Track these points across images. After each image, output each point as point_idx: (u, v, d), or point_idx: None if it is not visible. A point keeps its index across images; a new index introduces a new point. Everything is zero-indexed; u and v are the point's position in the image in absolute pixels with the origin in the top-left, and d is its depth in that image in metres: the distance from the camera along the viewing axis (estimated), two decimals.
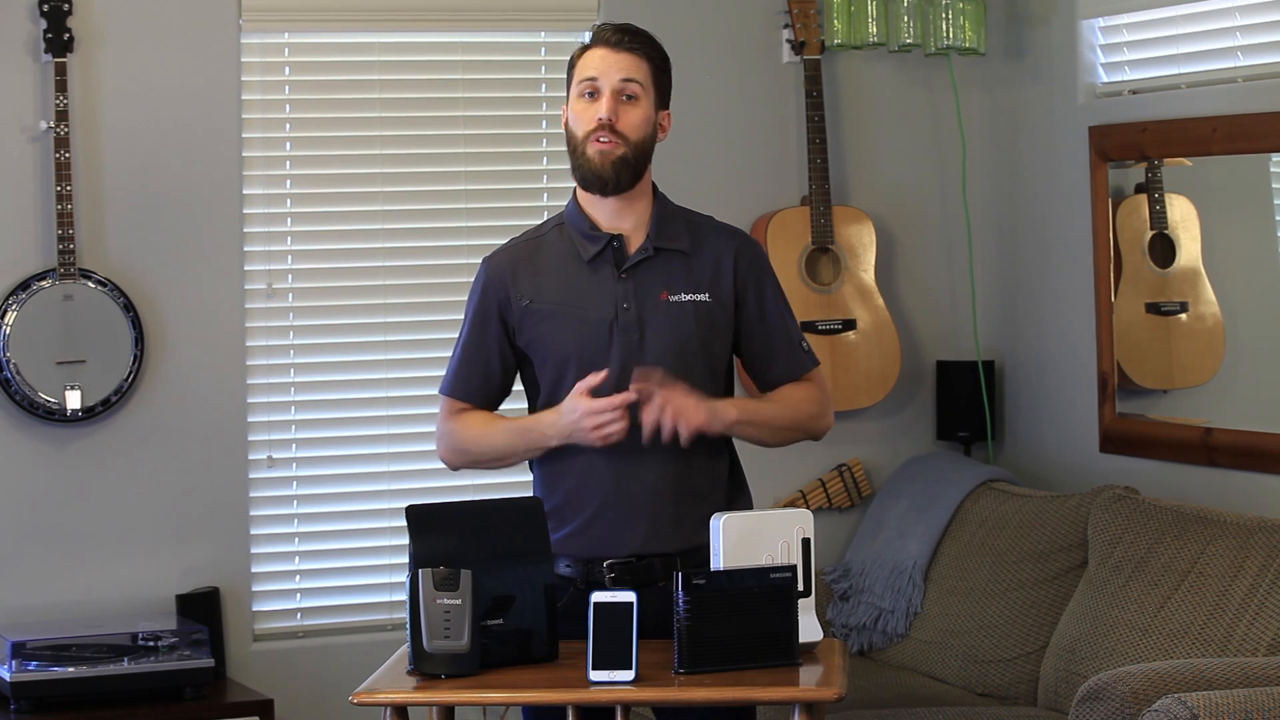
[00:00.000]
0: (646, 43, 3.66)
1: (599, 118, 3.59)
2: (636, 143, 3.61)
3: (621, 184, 3.62)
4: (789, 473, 5.43)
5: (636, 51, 3.63)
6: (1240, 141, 4.78)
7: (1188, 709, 3.63)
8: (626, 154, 3.60)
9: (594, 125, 3.59)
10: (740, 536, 3.37)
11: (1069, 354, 5.38)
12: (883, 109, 5.64)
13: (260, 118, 5.16)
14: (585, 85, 3.62)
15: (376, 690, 3.29)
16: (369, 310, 5.28)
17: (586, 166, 3.61)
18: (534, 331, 3.67)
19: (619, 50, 3.62)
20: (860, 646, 5.19)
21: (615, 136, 3.59)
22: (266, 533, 5.19)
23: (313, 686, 5.13)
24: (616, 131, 3.59)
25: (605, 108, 3.59)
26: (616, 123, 3.59)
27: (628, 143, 3.60)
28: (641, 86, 3.62)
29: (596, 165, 3.60)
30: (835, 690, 3.23)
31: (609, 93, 3.60)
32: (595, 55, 3.63)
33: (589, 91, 3.62)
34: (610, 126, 3.58)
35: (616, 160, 3.60)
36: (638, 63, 3.63)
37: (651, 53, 3.66)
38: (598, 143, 3.59)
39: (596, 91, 3.61)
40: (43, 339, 4.85)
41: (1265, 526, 4.39)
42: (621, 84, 3.60)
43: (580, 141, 3.61)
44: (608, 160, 3.59)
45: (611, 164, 3.60)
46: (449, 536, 3.36)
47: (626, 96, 3.61)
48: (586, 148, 3.60)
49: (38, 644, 4.64)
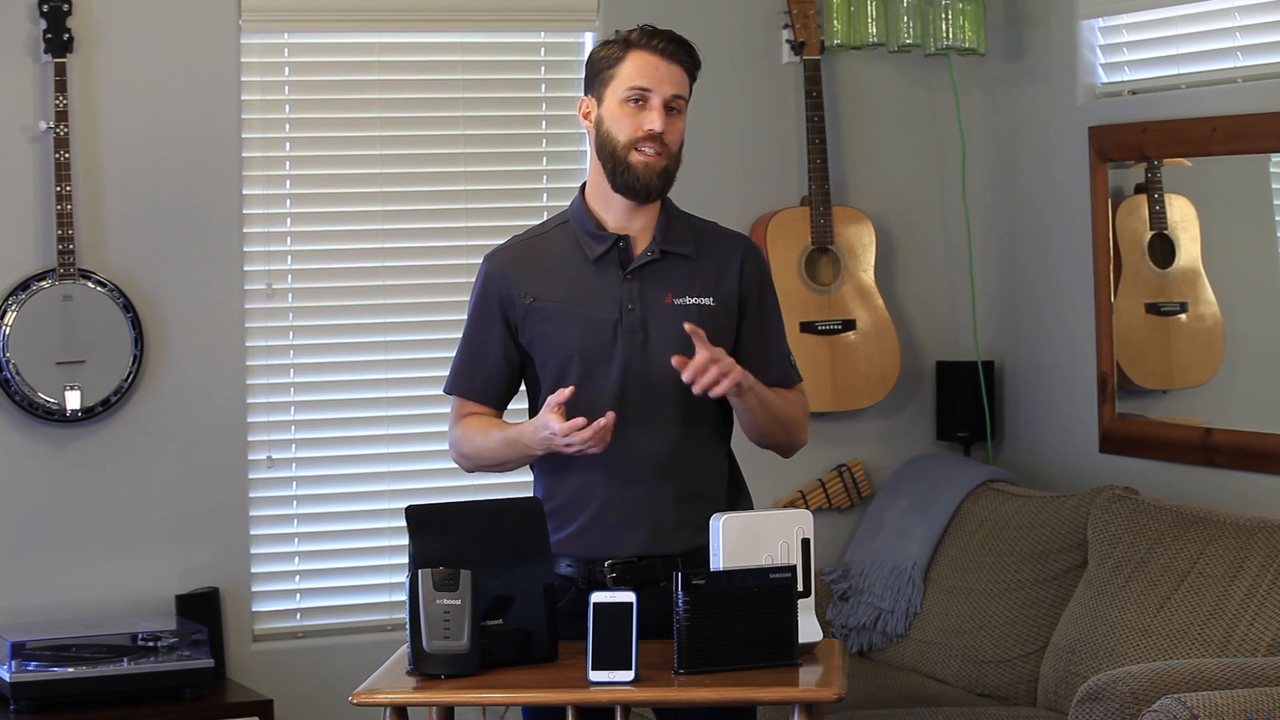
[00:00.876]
0: (692, 55, 3.66)
1: (650, 129, 3.58)
2: (677, 154, 3.64)
3: (662, 193, 3.65)
4: (789, 473, 5.42)
5: (684, 63, 3.64)
6: (1240, 141, 4.78)
7: (1188, 709, 3.63)
8: (669, 165, 3.62)
9: (642, 135, 3.59)
10: (740, 537, 3.37)
11: (1069, 354, 5.38)
12: (882, 109, 5.64)
13: (260, 118, 5.16)
14: (634, 92, 3.59)
15: (376, 690, 3.29)
16: (369, 310, 5.28)
17: (630, 174, 3.60)
18: (537, 330, 3.66)
19: (672, 62, 3.62)
20: (860, 647, 5.19)
21: (663, 148, 3.60)
22: (266, 533, 5.20)
23: (313, 686, 5.13)
24: (664, 144, 3.60)
25: (658, 120, 3.58)
26: (666, 135, 3.60)
27: (671, 155, 3.62)
28: (685, 100, 3.64)
29: (643, 175, 3.60)
30: (835, 690, 3.23)
31: (660, 104, 3.60)
32: (647, 62, 3.61)
33: (636, 99, 3.60)
34: (661, 138, 3.59)
35: (662, 171, 3.61)
36: (683, 76, 3.63)
37: (694, 67, 3.66)
38: (643, 153, 3.59)
39: (645, 100, 3.60)
40: (43, 339, 4.85)
41: (1265, 526, 4.39)
42: (672, 98, 3.61)
43: (623, 148, 3.60)
44: (653, 172, 3.60)
45: (658, 175, 3.61)
46: (449, 536, 3.36)
47: (671, 109, 3.62)
48: (630, 155, 3.60)
49: (38, 644, 4.64)
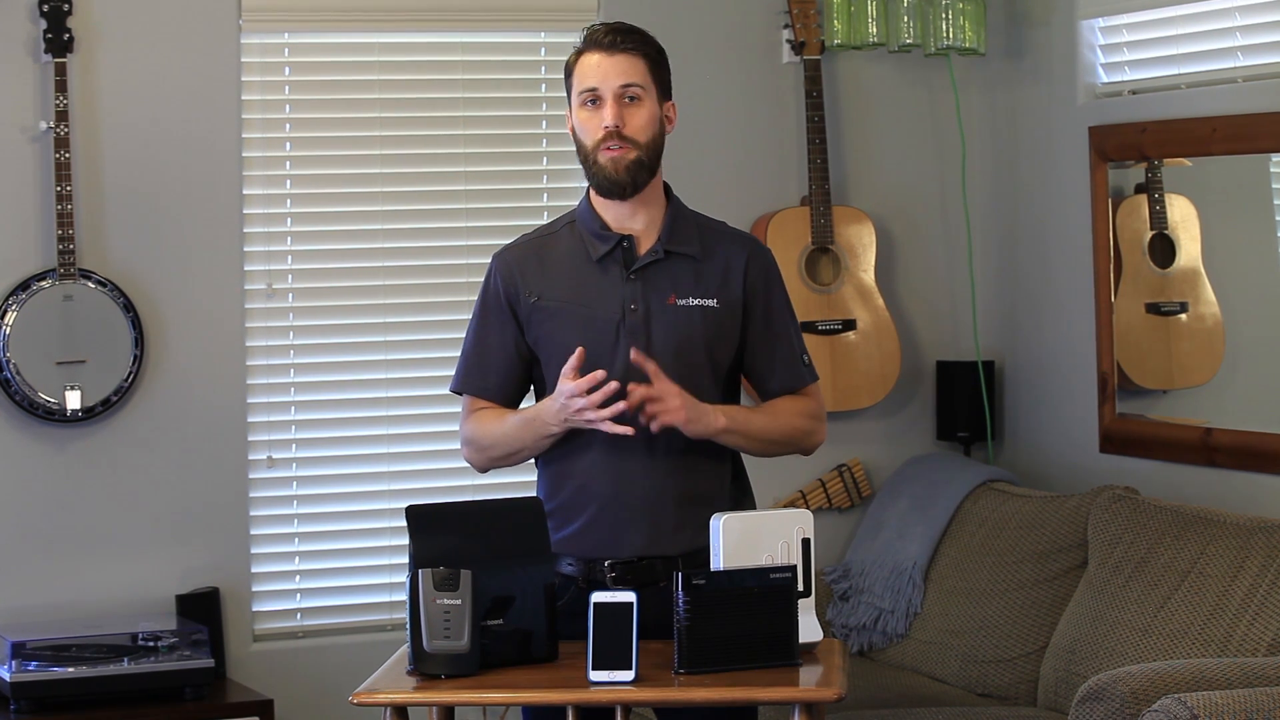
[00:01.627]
0: (640, 40, 3.63)
1: (605, 126, 3.57)
2: (646, 143, 3.60)
3: (639, 185, 3.61)
4: (789, 473, 5.42)
5: (631, 51, 3.60)
6: (1240, 141, 4.78)
7: (1188, 709, 3.63)
8: (640, 156, 3.60)
9: (601, 134, 3.58)
10: (740, 537, 3.37)
11: (1069, 354, 5.38)
12: (883, 109, 5.64)
13: (260, 118, 5.16)
14: (586, 95, 3.60)
15: (376, 690, 3.29)
16: (369, 310, 5.28)
17: (601, 175, 3.60)
18: (541, 329, 3.66)
19: (614, 53, 3.60)
20: (860, 647, 5.19)
21: (625, 142, 3.58)
22: (266, 533, 5.19)
23: (313, 686, 5.12)
24: (625, 137, 3.58)
25: (610, 115, 3.57)
26: (624, 128, 3.58)
27: (638, 145, 3.59)
28: (642, 87, 3.60)
29: (611, 173, 3.59)
30: (835, 690, 3.23)
31: (611, 99, 3.58)
32: (591, 62, 3.61)
33: (590, 100, 3.60)
34: (618, 133, 3.58)
35: (630, 164, 3.59)
36: (634, 63, 3.60)
37: (646, 49, 3.63)
38: (609, 150, 3.58)
39: (599, 99, 3.59)
40: (43, 339, 4.85)
41: (1265, 526, 4.39)
42: (622, 89, 3.59)
43: (591, 151, 3.60)
44: (621, 166, 3.59)
45: (626, 169, 3.59)
46: (449, 536, 3.36)
47: (629, 99, 3.59)
48: (598, 156, 3.59)
49: (38, 644, 4.64)
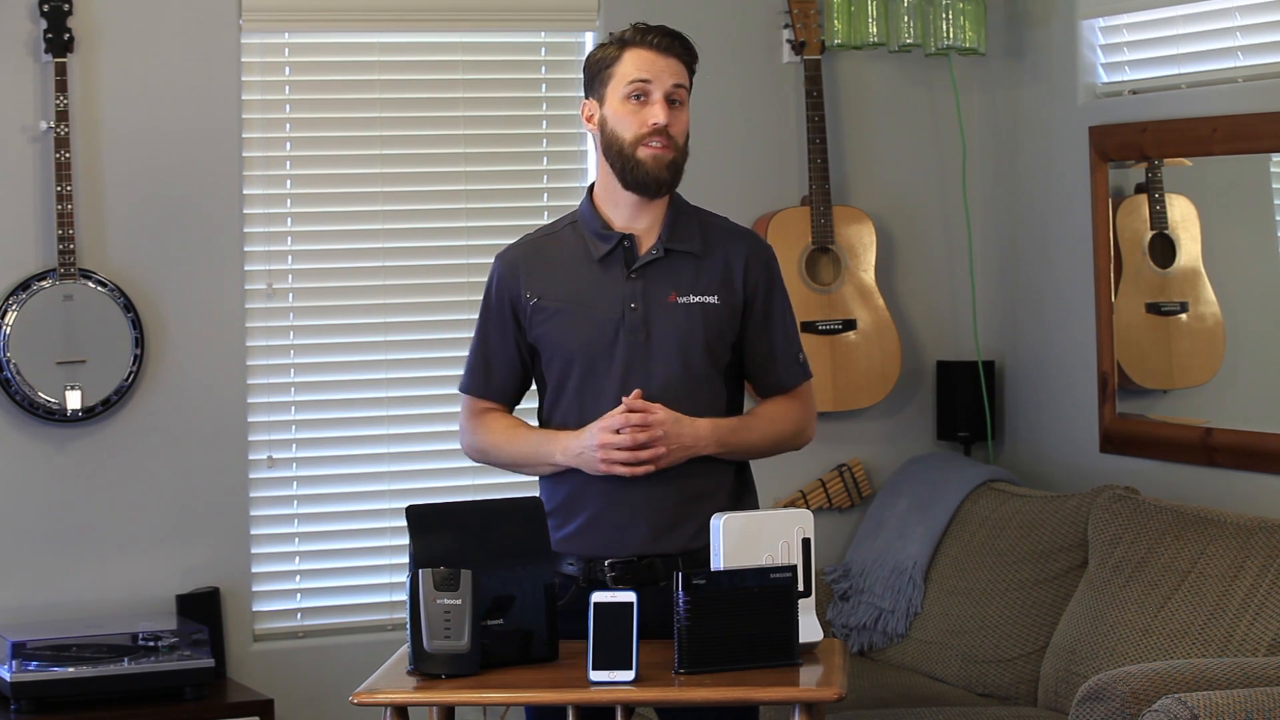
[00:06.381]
0: (688, 47, 3.68)
1: (654, 123, 3.60)
2: (684, 147, 3.66)
3: (672, 186, 3.66)
4: (789, 473, 5.42)
5: (680, 56, 3.65)
6: (1240, 141, 4.78)
7: (1188, 709, 3.63)
8: (677, 158, 3.64)
9: (647, 129, 3.60)
10: (740, 536, 3.37)
11: (1069, 354, 5.38)
12: (883, 109, 5.64)
13: (260, 118, 5.16)
14: (634, 87, 3.61)
15: (376, 690, 3.29)
16: (369, 310, 5.28)
17: (639, 170, 3.61)
18: (541, 328, 3.68)
19: (668, 55, 3.63)
20: (860, 646, 5.19)
21: (669, 141, 3.61)
22: (266, 533, 5.19)
23: (313, 686, 5.12)
24: (670, 136, 3.61)
25: (661, 113, 3.60)
26: (670, 128, 3.61)
27: (677, 147, 3.63)
28: (686, 91, 3.65)
29: (651, 169, 3.61)
30: (835, 690, 3.23)
31: (661, 97, 3.61)
32: (643, 57, 3.63)
33: (637, 94, 3.61)
34: (665, 131, 3.60)
35: (670, 164, 3.62)
36: (682, 68, 3.65)
37: (691, 59, 3.68)
38: (651, 147, 3.60)
39: (646, 95, 3.61)
40: (43, 339, 4.85)
41: (1265, 526, 4.39)
42: (673, 89, 3.62)
43: (629, 145, 3.61)
44: (662, 165, 3.61)
45: (666, 168, 3.62)
46: (449, 536, 3.36)
47: (674, 101, 3.63)
48: (638, 151, 3.61)
49: (38, 644, 4.64)
